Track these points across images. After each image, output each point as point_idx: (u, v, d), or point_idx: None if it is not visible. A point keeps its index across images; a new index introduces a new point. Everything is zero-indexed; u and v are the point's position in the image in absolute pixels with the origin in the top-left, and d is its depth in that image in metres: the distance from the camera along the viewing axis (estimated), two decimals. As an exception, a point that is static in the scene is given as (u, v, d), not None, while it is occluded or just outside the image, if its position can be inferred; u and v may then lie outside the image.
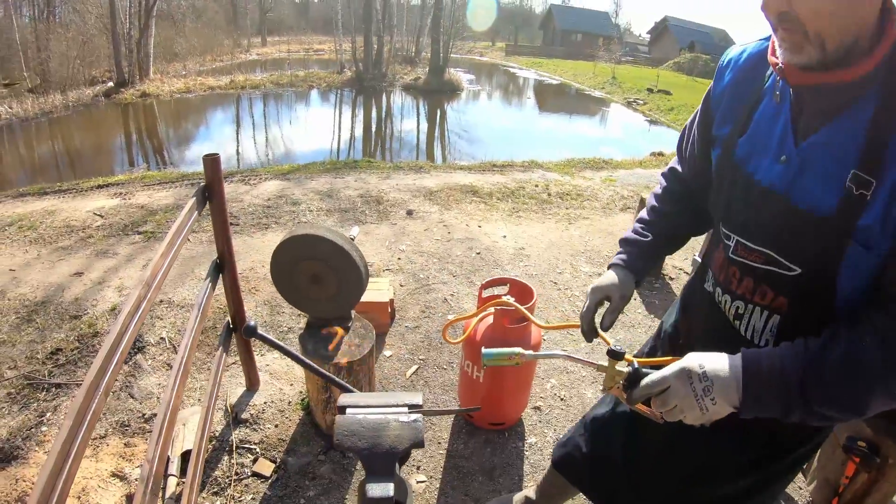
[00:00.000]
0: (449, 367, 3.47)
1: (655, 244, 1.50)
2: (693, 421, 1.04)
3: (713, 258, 1.30)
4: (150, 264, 1.82)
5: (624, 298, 1.44)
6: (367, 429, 1.19)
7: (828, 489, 2.42)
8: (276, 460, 2.70)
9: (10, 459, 2.63)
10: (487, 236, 5.41)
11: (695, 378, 1.01)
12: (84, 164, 10.51)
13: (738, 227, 1.17)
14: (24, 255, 4.68)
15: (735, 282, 1.20)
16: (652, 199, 1.57)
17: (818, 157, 1.01)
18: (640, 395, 1.10)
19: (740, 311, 1.20)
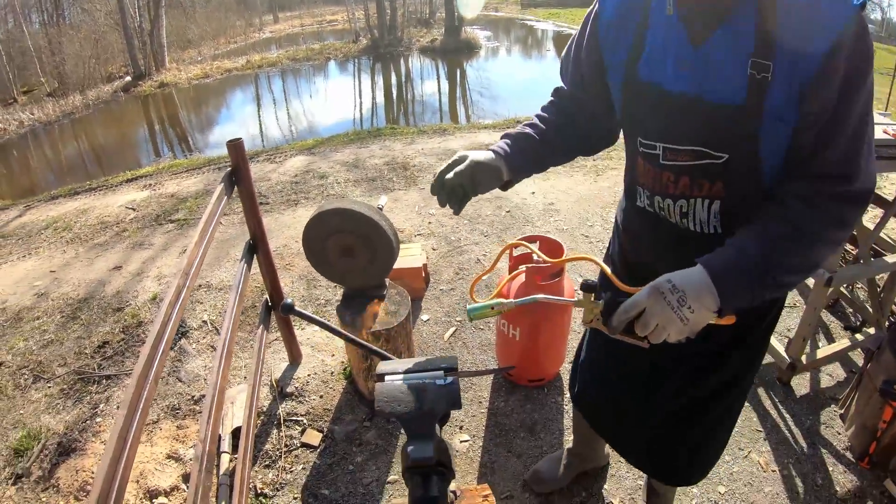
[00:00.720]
0: (486, 326, 3.46)
1: (535, 147, 1.44)
2: (678, 335, 1.09)
3: (638, 174, 1.37)
4: (186, 253, 1.85)
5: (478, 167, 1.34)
6: (405, 394, 1.21)
7: (866, 434, 2.42)
8: (323, 430, 2.75)
9: (70, 452, 2.73)
10: (516, 194, 5.33)
11: (666, 292, 1.07)
12: (111, 160, 10.63)
13: (660, 135, 1.25)
14: (63, 256, 4.80)
15: (672, 185, 1.28)
16: (538, 110, 1.54)
17: (718, 55, 1.11)
18: (619, 322, 1.13)
19: (684, 208, 1.29)
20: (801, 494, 2.35)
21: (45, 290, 4.25)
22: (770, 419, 2.70)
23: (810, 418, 2.71)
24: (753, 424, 2.68)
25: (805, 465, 2.47)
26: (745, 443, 2.59)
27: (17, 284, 4.39)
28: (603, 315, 1.18)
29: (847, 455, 2.51)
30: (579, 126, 1.52)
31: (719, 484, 2.41)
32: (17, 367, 3.41)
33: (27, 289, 4.31)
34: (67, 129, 13.45)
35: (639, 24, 1.25)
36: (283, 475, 2.55)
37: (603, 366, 1.80)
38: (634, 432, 1.77)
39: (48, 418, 2.98)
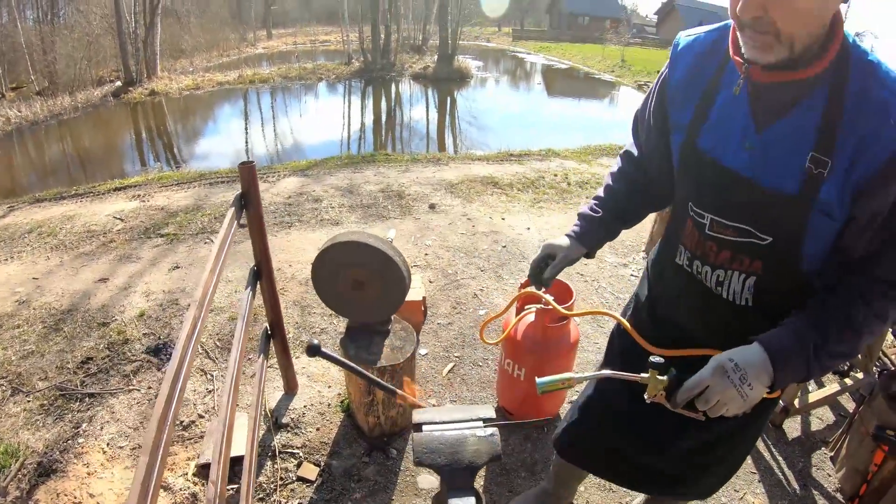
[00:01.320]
0: (484, 363, 3.43)
1: (605, 221, 1.64)
2: (736, 410, 1.15)
3: (683, 235, 1.42)
4: (201, 283, 1.79)
5: (566, 259, 1.62)
6: (445, 445, 1.20)
7: (857, 477, 2.53)
8: (319, 464, 2.67)
9: (50, 473, 2.60)
10: (511, 228, 5.35)
11: (730, 371, 1.14)
12: (96, 166, 10.48)
13: (711, 207, 1.30)
14: (46, 263, 4.66)
15: (713, 255, 1.33)
16: (608, 177, 1.70)
17: (780, 143, 1.15)
18: (683, 399, 1.19)
19: (721, 278, 1.33)
20: None
21: (27, 297, 4.11)
22: (764, 461, 2.80)
23: (802, 460, 2.82)
24: (748, 466, 2.76)
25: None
26: (740, 484, 2.66)
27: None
28: (667, 391, 1.22)
29: (838, 497, 2.61)
30: (644, 192, 1.63)
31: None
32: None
33: (8, 294, 4.16)
34: (54, 130, 13.25)
35: (706, 92, 1.29)
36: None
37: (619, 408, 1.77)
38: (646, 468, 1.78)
39: (27, 434, 2.85)
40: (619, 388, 1.68)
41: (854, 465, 2.55)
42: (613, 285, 4.44)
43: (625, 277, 4.56)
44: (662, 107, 1.43)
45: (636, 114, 1.60)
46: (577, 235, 1.65)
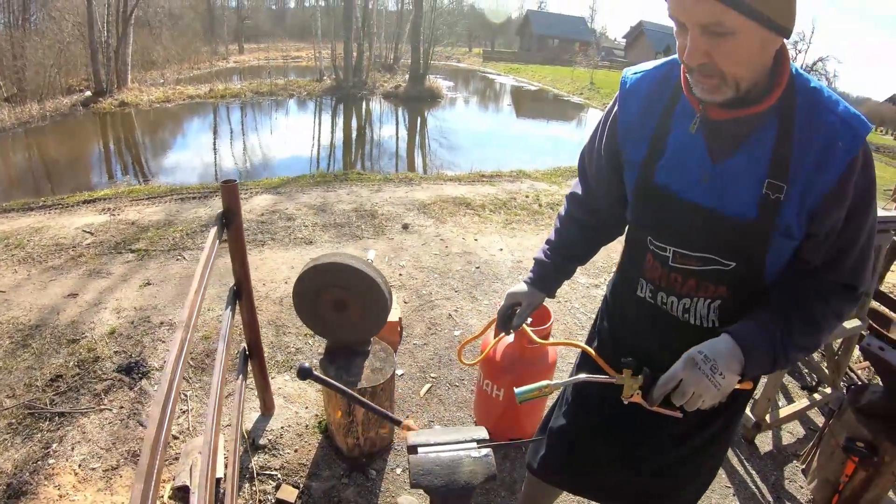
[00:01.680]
0: (461, 383, 3.46)
1: (559, 265, 1.73)
2: (711, 400, 1.19)
3: (644, 269, 1.46)
4: (186, 303, 1.78)
5: (530, 306, 1.72)
6: (441, 467, 1.22)
7: (828, 488, 2.61)
8: (298, 485, 2.67)
9: (19, 495, 2.54)
10: (484, 249, 5.42)
11: (700, 362, 1.18)
12: (63, 176, 10.25)
13: (673, 240, 1.35)
14: (14, 276, 4.55)
15: (678, 285, 1.38)
16: (557, 220, 1.78)
17: (736, 174, 1.22)
18: (659, 395, 1.23)
19: (687, 306, 1.40)
20: None
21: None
22: (738, 475, 2.89)
23: (775, 474, 2.94)
24: (723, 481, 2.85)
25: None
26: (716, 499, 2.74)
27: (-39, 302, 4.13)
28: (643, 389, 1.27)
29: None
30: (594, 230, 1.72)
31: None
32: (-42, 394, 3.18)
33: (-28, 308, 4.05)
34: (20, 138, 12.93)
35: (658, 128, 1.34)
36: (256, 533, 2.45)
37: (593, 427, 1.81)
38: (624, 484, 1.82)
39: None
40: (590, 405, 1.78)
41: (825, 477, 2.63)
42: (586, 305, 4.53)
43: (596, 298, 4.66)
44: (613, 144, 1.47)
45: (583, 151, 1.64)
46: (533, 282, 1.73)
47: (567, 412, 1.90)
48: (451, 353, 3.76)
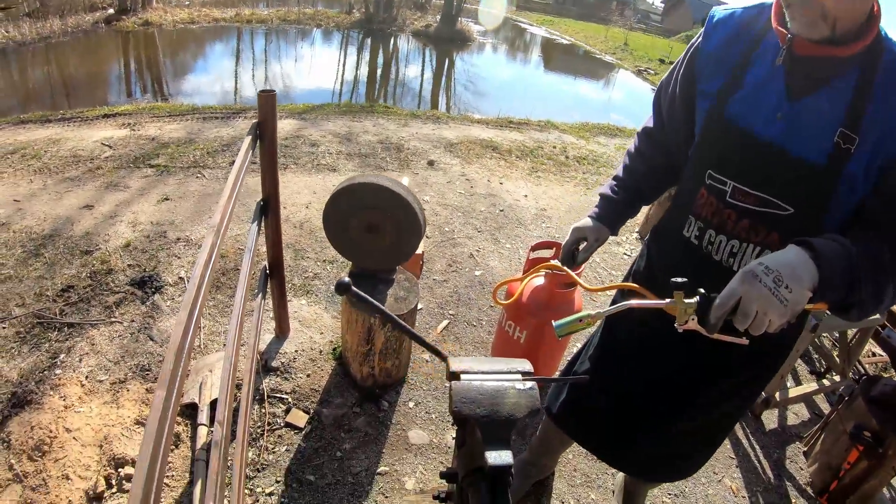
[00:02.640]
0: (479, 323, 3.37)
1: (625, 201, 1.72)
2: (779, 319, 1.05)
3: (696, 205, 1.41)
4: (218, 209, 1.70)
5: (598, 241, 1.71)
6: (485, 396, 1.14)
7: (829, 472, 2.63)
8: (309, 411, 2.60)
9: (24, 404, 2.48)
10: (509, 194, 5.27)
11: (760, 274, 1.05)
12: (81, 92, 10.06)
13: (735, 173, 1.31)
14: (29, 185, 4.45)
15: (731, 223, 1.33)
16: (626, 157, 1.75)
17: (811, 115, 1.20)
18: (717, 317, 1.10)
19: (735, 248, 1.34)
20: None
21: (7, 219, 3.91)
22: (742, 448, 2.87)
23: (777, 452, 2.91)
24: (728, 451, 2.83)
25: (771, 495, 2.65)
26: (719, 468, 2.73)
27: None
28: (699, 313, 1.14)
29: (808, 490, 2.72)
30: (662, 169, 1.68)
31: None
32: (-33, 299, 3.12)
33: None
34: (41, 53, 12.68)
35: (739, 63, 1.32)
36: (266, 455, 2.38)
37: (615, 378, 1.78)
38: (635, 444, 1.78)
39: (1, 363, 2.72)
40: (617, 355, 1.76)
41: (827, 462, 2.64)
42: (607, 261, 4.42)
43: (618, 255, 4.56)
44: (690, 75, 1.44)
45: (660, 85, 1.61)
46: (599, 217, 1.71)
47: (593, 358, 1.86)
48: (470, 291, 3.66)
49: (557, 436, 2.12)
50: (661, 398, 1.66)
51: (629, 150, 1.75)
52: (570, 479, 2.54)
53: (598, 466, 2.60)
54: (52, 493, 2.18)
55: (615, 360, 1.77)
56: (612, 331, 1.81)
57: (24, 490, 2.17)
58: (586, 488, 2.51)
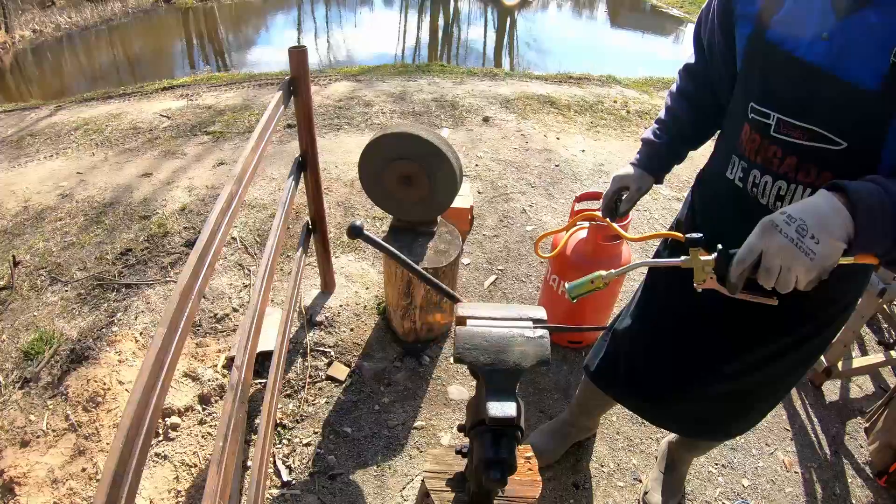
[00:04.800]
0: (527, 279, 3.27)
1: (668, 146, 1.58)
2: (806, 275, 0.93)
3: (740, 141, 1.27)
4: (241, 160, 1.69)
5: (640, 190, 1.59)
6: (490, 343, 1.07)
7: (889, 453, 2.40)
8: (350, 365, 2.60)
9: (82, 360, 2.59)
10: (566, 149, 5.07)
11: (781, 224, 0.94)
12: (145, 70, 10.34)
13: (779, 104, 1.15)
14: (91, 159, 4.61)
15: (777, 161, 1.18)
16: (668, 98, 1.61)
17: (861, 34, 1.02)
18: (738, 274, 1.00)
19: (782, 191, 1.19)
20: (818, 501, 2.32)
21: (71, 191, 4.08)
22: (799, 420, 2.66)
23: (836, 426, 2.65)
24: (783, 423, 2.63)
25: (826, 473, 2.43)
26: (772, 440, 2.54)
27: (42, 184, 4.21)
28: (717, 271, 1.04)
29: (866, 470, 2.47)
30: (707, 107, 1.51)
31: (744, 477, 2.37)
32: (34, 267, 3.27)
33: (52, 188, 4.13)
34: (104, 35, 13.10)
35: None
36: (305, 407, 2.40)
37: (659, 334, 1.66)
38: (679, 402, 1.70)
39: (62, 323, 2.85)
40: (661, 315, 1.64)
41: (889, 441, 2.40)
42: (665, 217, 4.16)
43: (676, 210, 4.28)
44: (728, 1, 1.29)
45: (700, 15, 1.46)
46: (642, 164, 1.60)
47: (634, 314, 1.75)
48: (521, 247, 3.55)
49: (596, 396, 2.02)
50: (706, 355, 1.54)
51: (671, 91, 1.60)
52: (612, 441, 2.44)
53: (642, 430, 2.49)
54: (103, 441, 2.27)
55: (658, 315, 1.66)
56: (655, 286, 1.69)
57: (77, 438, 2.27)
58: (628, 452, 2.41)
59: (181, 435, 2.32)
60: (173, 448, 2.28)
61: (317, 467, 2.21)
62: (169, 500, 2.12)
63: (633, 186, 1.58)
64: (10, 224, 3.71)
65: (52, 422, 2.33)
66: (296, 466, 2.22)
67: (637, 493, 2.25)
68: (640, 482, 2.29)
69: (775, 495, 2.31)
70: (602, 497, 2.23)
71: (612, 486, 2.27)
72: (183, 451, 2.27)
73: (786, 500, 2.29)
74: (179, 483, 2.17)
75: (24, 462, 2.17)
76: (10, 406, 2.41)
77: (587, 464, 2.33)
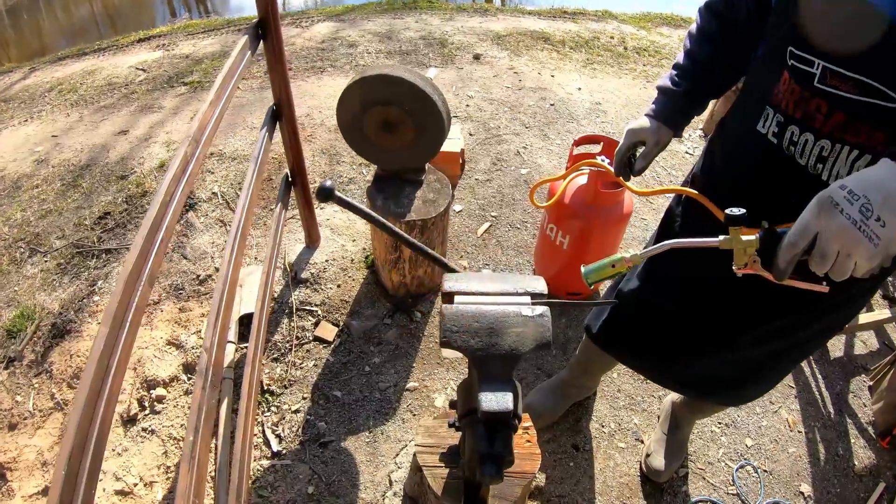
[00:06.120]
0: (522, 226, 3.12)
1: (688, 93, 1.37)
2: (869, 263, 0.79)
3: (775, 91, 1.09)
4: (198, 115, 1.51)
5: (658, 145, 1.40)
6: (482, 324, 0.92)
7: (892, 413, 2.32)
8: (338, 324, 2.48)
9: (64, 334, 2.49)
10: (561, 87, 4.84)
11: (842, 203, 0.79)
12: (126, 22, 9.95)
13: (825, 50, 0.96)
14: (66, 119, 4.41)
15: (820, 117, 1.00)
16: (687, 39, 1.41)
17: None
18: (787, 261, 0.86)
19: (825, 151, 1.01)
20: (821, 462, 2.25)
21: (46, 155, 3.91)
22: (803, 378, 2.56)
23: (840, 384, 2.56)
24: (787, 379, 2.54)
25: (829, 432, 2.36)
26: (776, 397, 2.45)
27: (17, 150, 4.03)
28: (762, 254, 0.91)
29: (869, 430, 2.39)
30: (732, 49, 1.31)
31: (747, 436, 2.29)
32: (13, 239, 3.14)
33: (27, 154, 3.96)
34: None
35: None
36: (293, 371, 2.29)
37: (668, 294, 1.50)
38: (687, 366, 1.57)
39: (43, 296, 2.73)
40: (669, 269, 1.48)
41: (893, 401, 2.30)
42: (667, 160, 3.95)
43: (679, 154, 4.06)
44: None
45: None
46: (659, 115, 1.40)
47: (641, 275, 1.60)
48: (515, 191, 3.39)
49: (598, 357, 1.90)
50: (721, 323, 1.40)
51: (690, 32, 1.39)
52: (613, 400, 2.35)
53: (644, 388, 2.39)
54: None
55: (669, 279, 1.50)
56: None
57: (64, 417, 2.21)
58: (629, 411, 2.31)
59: (167, 407, 2.23)
60: (160, 422, 2.19)
61: (307, 435, 2.13)
62: (159, 475, 2.05)
63: (650, 141, 1.39)
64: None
65: (39, 401, 2.26)
66: (285, 435, 2.13)
67: (639, 454, 2.16)
68: (642, 443, 2.20)
69: (778, 455, 2.23)
70: (603, 459, 2.15)
71: (614, 448, 2.19)
72: (170, 423, 2.19)
73: (789, 461, 2.22)
74: (168, 458, 2.10)
75: (13, 446, 2.12)
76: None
77: (587, 424, 2.25)
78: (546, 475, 2.07)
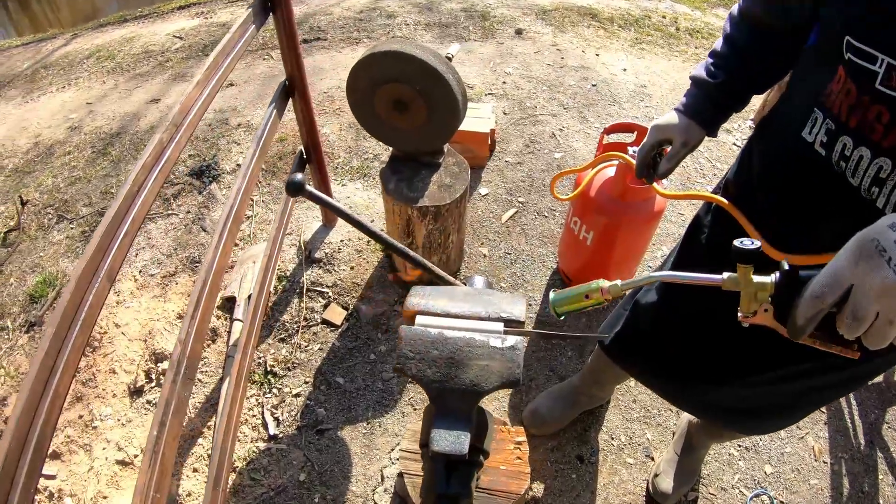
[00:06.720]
0: (550, 214, 2.98)
1: (725, 87, 1.17)
2: None
3: (827, 91, 0.88)
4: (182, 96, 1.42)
5: (686, 145, 1.22)
6: (442, 353, 0.81)
7: None
8: (348, 307, 2.42)
9: (80, 302, 2.49)
10: (605, 67, 4.62)
11: (891, 250, 0.58)
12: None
13: (893, 43, 0.75)
14: (102, 87, 4.44)
15: (881, 128, 0.79)
16: (727, 24, 1.20)
17: None
18: (808, 316, 0.65)
19: (883, 173, 0.81)
20: (843, 497, 2.05)
21: (80, 123, 3.94)
22: (835, 403, 2.33)
23: (875, 412, 2.33)
24: None
25: (857, 465, 2.14)
26: (804, 423, 2.23)
27: (52, 117, 4.09)
28: (776, 303, 0.70)
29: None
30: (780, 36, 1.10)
31: (767, 463, 2.12)
32: (42, 205, 3.18)
33: (62, 121, 4.00)
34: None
35: None
36: (298, 353, 2.24)
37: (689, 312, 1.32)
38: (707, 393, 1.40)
39: (66, 263, 2.77)
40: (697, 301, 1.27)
41: None
42: (712, 151, 3.68)
43: (726, 145, 3.77)
44: None
45: None
46: (690, 110, 1.21)
47: (661, 289, 1.43)
48: (546, 176, 3.23)
49: (610, 368, 1.74)
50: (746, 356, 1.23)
51: (731, 14, 1.19)
52: (627, 411, 2.21)
53: (662, 401, 2.24)
54: (99, 388, 2.23)
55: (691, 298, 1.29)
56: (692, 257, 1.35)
57: (75, 384, 2.20)
58: (642, 424, 2.17)
59: (173, 381, 2.21)
60: (165, 395, 2.17)
61: (305, 420, 2.07)
62: (159, 449, 2.03)
63: (678, 140, 1.22)
64: (22, 162, 3.63)
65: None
66: (284, 419, 2.08)
67: (647, 472, 2.03)
68: (653, 460, 2.06)
69: (799, 486, 2.06)
70: (608, 473, 2.03)
71: (621, 463, 2.06)
72: (175, 397, 2.17)
73: (809, 493, 2.04)
74: (169, 432, 2.07)
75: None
76: (17, 351, 2.36)
77: (596, 434, 2.12)
78: (545, 485, 1.97)
